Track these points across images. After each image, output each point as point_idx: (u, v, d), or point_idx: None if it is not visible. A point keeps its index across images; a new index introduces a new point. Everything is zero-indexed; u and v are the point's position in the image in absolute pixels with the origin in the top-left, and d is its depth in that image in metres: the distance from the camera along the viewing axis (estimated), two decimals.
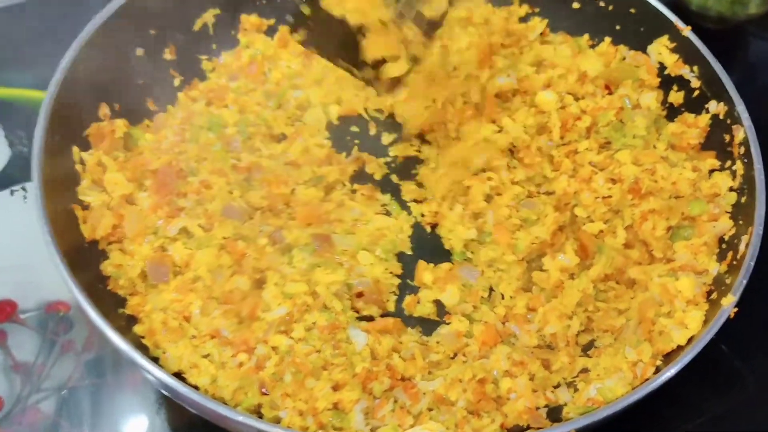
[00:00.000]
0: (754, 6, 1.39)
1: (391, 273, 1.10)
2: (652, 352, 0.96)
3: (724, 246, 1.05)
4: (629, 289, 1.06)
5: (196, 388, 0.91)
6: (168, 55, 1.23)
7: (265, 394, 0.94)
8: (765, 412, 1.09)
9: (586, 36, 1.31)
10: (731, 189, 1.09)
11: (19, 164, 1.26)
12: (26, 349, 1.08)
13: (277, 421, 0.91)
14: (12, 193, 1.23)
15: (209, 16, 1.27)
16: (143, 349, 0.93)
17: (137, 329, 0.98)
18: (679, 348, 0.96)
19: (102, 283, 1.01)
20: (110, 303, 0.99)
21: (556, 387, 0.99)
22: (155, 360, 0.94)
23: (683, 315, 0.97)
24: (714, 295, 0.99)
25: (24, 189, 1.23)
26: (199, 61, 1.28)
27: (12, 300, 1.13)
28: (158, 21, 1.20)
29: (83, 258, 1.00)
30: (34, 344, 1.09)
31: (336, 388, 0.93)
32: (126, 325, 0.98)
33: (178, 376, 0.93)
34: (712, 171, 1.13)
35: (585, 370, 1.00)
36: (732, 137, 1.11)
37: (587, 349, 1.04)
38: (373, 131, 1.27)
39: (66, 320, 1.11)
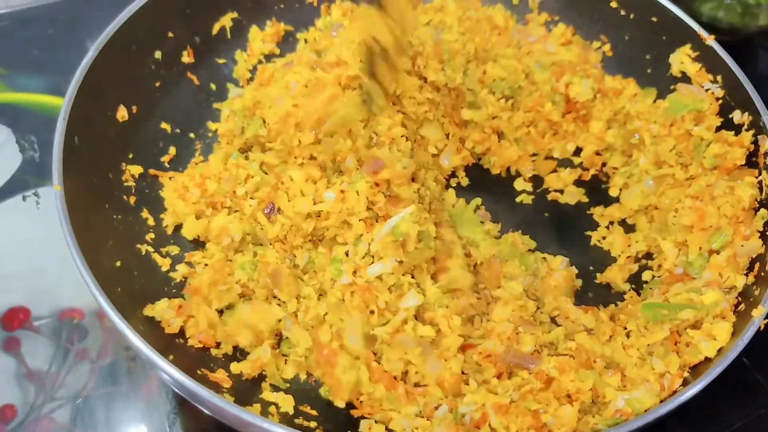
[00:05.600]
0: (765, 17, 1.38)
1: None
2: (680, 363, 0.95)
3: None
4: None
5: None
6: (186, 58, 1.23)
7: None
8: None
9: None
10: (758, 202, 1.07)
11: (30, 169, 1.25)
12: (40, 357, 1.07)
13: None
14: (24, 198, 1.22)
15: (227, 20, 1.26)
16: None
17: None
18: (707, 360, 0.94)
19: (120, 285, 0.98)
20: (129, 305, 0.97)
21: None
22: None
23: (711, 327, 0.96)
24: (741, 307, 0.98)
25: (36, 194, 1.22)
26: (217, 65, 1.27)
27: (25, 307, 1.11)
28: (176, 24, 1.20)
29: (100, 258, 0.97)
30: (47, 352, 1.08)
31: None
32: (145, 327, 0.97)
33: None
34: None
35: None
36: (757, 147, 1.10)
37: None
38: None
39: (80, 328, 1.10)
